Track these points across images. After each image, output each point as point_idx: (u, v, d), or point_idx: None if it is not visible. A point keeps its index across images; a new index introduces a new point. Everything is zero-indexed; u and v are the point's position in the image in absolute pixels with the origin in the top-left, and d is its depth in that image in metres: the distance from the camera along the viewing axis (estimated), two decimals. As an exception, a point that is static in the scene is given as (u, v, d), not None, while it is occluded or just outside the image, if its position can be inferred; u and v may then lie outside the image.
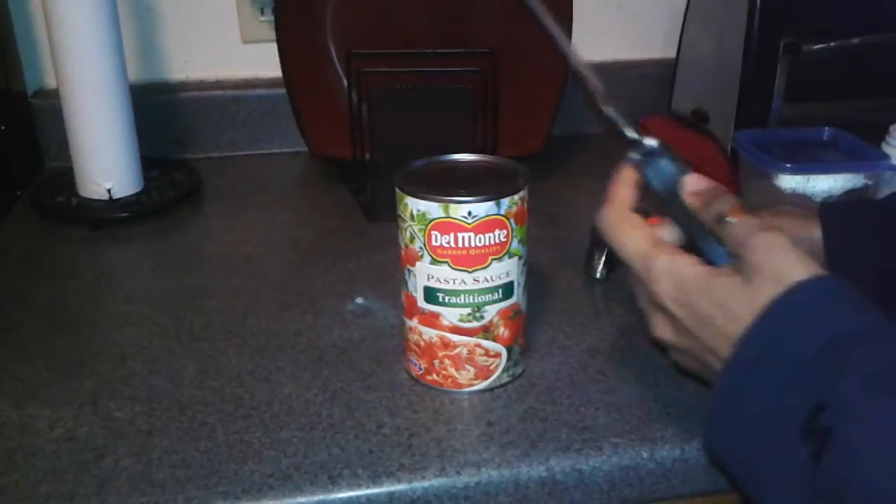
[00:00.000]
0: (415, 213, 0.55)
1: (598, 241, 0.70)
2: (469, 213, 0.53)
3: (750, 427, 0.43)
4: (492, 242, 0.54)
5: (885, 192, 0.81)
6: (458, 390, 0.58)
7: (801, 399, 0.40)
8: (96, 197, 0.89)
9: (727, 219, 0.49)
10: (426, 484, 0.51)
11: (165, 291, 0.74)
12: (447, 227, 0.54)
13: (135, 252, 0.84)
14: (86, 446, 0.54)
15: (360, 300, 0.71)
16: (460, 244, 0.54)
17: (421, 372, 0.59)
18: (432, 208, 0.54)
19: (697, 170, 0.98)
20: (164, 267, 0.81)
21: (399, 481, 0.51)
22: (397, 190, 0.56)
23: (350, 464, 0.52)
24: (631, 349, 0.64)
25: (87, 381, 0.61)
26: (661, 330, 0.52)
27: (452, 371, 0.58)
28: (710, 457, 0.52)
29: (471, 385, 0.58)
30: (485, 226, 0.54)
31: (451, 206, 0.53)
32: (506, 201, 0.54)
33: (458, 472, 0.52)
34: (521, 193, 0.55)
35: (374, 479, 0.51)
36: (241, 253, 0.81)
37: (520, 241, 0.56)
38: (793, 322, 0.42)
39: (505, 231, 0.55)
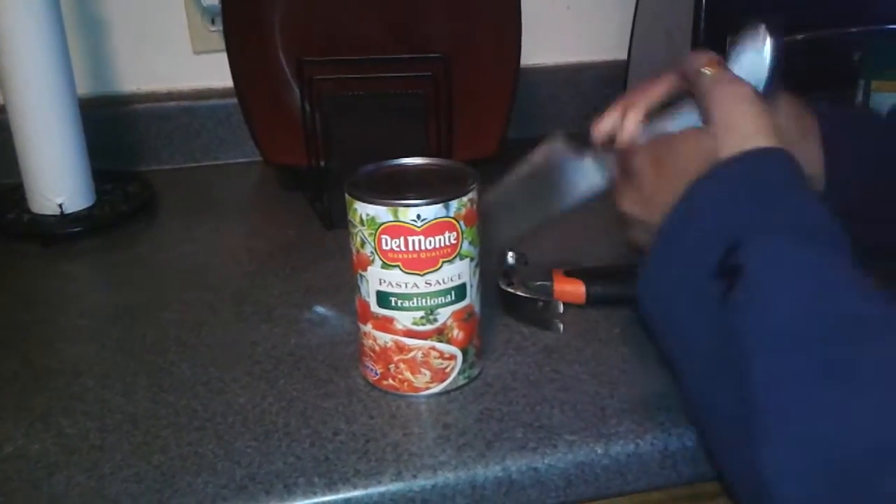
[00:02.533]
0: (364, 217, 0.55)
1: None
2: (418, 217, 0.53)
3: (675, 270, 0.44)
4: (442, 245, 0.55)
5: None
6: (414, 394, 0.58)
7: (718, 239, 0.41)
8: (48, 212, 0.88)
9: (703, 70, 0.50)
10: (382, 489, 0.51)
11: (119, 305, 0.73)
12: (397, 230, 0.54)
13: (88, 266, 0.83)
14: (37, 464, 0.53)
15: (319, 309, 0.71)
16: (410, 248, 0.54)
17: (377, 377, 0.59)
18: (381, 212, 0.54)
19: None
20: (118, 281, 0.80)
21: (355, 487, 0.51)
22: (346, 195, 0.56)
23: (305, 472, 0.52)
24: (586, 348, 0.64)
25: (39, 397, 0.60)
26: (628, 200, 0.54)
27: (408, 375, 0.58)
28: (642, 311, 0.50)
29: (427, 388, 0.58)
30: (434, 228, 0.54)
31: (400, 209, 0.53)
32: (454, 203, 0.54)
33: (415, 476, 0.52)
34: (471, 195, 0.55)
35: (330, 487, 0.51)
36: (197, 264, 0.81)
37: (471, 243, 0.56)
38: (730, 178, 0.44)
39: (455, 233, 0.55)
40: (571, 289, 0.69)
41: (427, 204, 0.53)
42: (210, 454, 0.53)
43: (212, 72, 1.04)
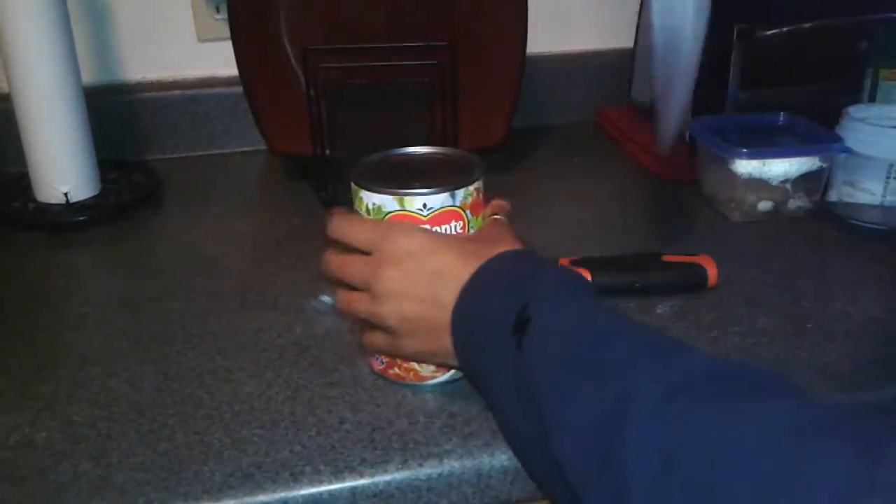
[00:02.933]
0: (370, 206, 0.55)
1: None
2: (424, 206, 0.53)
3: (479, 339, 0.51)
4: (448, 234, 0.55)
5: (839, 174, 0.83)
6: (420, 383, 0.58)
7: (513, 303, 0.49)
8: (53, 201, 0.88)
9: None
10: (388, 477, 0.51)
11: (125, 294, 0.74)
12: (403, 219, 0.54)
13: (93, 255, 0.83)
14: (44, 452, 0.53)
15: (325, 298, 0.71)
16: (426, 228, 0.54)
17: (383, 366, 0.59)
18: (387, 202, 0.54)
19: (657, 158, 0.99)
20: (124, 269, 0.80)
21: (361, 476, 0.51)
22: (352, 185, 0.56)
23: (312, 460, 0.52)
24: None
25: (45, 386, 0.60)
26: (391, 280, 0.54)
27: (414, 364, 0.58)
28: (472, 384, 0.57)
29: (433, 377, 0.58)
30: (440, 217, 0.54)
31: (406, 198, 0.53)
32: (461, 192, 0.54)
33: (421, 465, 0.52)
34: (477, 184, 0.55)
35: (336, 475, 0.51)
36: (202, 253, 0.81)
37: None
38: (510, 262, 0.53)
39: (461, 223, 0.55)
40: (577, 278, 0.69)
41: (433, 193, 0.53)
42: (216, 442, 0.53)
43: (217, 60, 1.04)
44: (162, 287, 0.74)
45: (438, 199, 0.54)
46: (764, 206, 0.83)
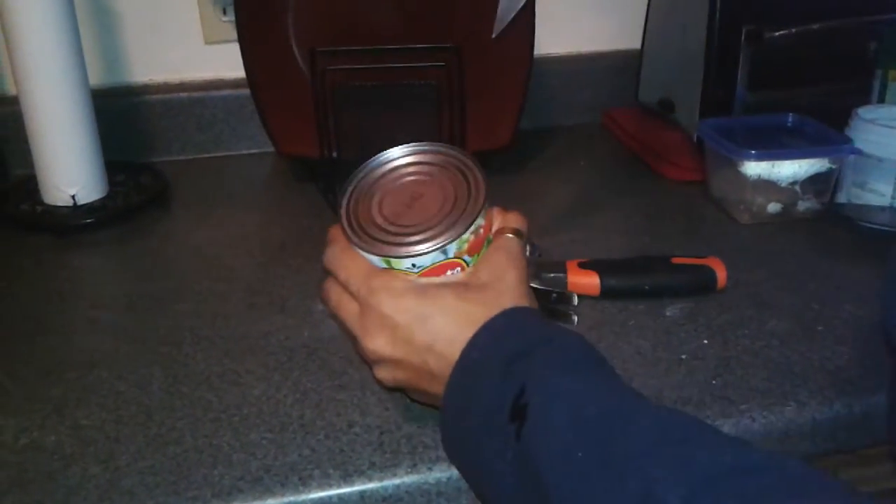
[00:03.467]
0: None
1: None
2: (413, 265, 0.50)
3: (473, 424, 0.47)
4: (441, 288, 0.50)
5: (848, 175, 0.82)
6: None
7: (508, 388, 0.45)
8: (61, 203, 0.88)
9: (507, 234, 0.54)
10: (398, 481, 0.51)
11: (132, 297, 0.73)
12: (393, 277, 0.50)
13: (101, 258, 0.83)
14: (53, 455, 0.53)
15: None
16: (417, 285, 0.50)
17: None
18: (375, 261, 0.51)
19: (665, 159, 0.99)
20: (131, 272, 0.80)
21: (370, 479, 0.51)
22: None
23: (321, 464, 0.52)
24: (600, 340, 0.64)
25: (54, 389, 0.60)
26: (385, 346, 0.50)
27: None
28: (452, 462, 0.52)
29: None
30: (434, 271, 0.50)
31: (394, 260, 0.50)
32: (453, 246, 0.49)
33: (430, 469, 0.51)
34: (474, 227, 0.50)
35: (346, 479, 0.51)
36: (209, 256, 0.81)
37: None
38: (504, 330, 0.49)
39: (459, 268, 0.51)
40: (586, 280, 0.69)
41: (421, 254, 0.49)
42: (225, 446, 0.53)
43: (223, 62, 1.04)
44: (169, 289, 0.74)
45: (429, 258, 0.49)
46: (773, 207, 0.82)
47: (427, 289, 0.50)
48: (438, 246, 0.49)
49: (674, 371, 0.60)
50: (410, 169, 0.55)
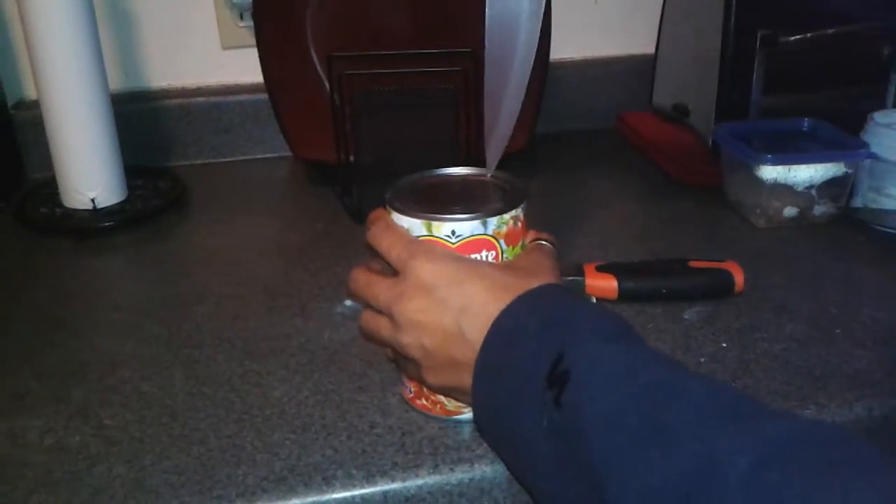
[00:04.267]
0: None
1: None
2: (453, 233, 0.51)
3: (506, 390, 0.46)
4: (480, 262, 0.52)
5: (864, 180, 0.83)
6: (445, 417, 0.56)
7: (545, 354, 0.45)
8: (80, 207, 0.88)
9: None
10: (420, 482, 0.51)
11: (153, 299, 0.74)
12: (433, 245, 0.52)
13: (121, 261, 0.84)
14: (78, 455, 0.54)
15: (348, 302, 0.71)
16: (457, 255, 0.51)
17: (411, 395, 0.57)
18: (415, 225, 0.52)
19: (680, 163, 0.99)
20: (151, 275, 0.80)
21: (393, 480, 0.51)
22: (386, 205, 0.54)
23: (344, 464, 0.52)
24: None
25: (77, 390, 0.61)
26: (417, 311, 0.50)
27: (440, 397, 0.55)
28: (480, 433, 0.53)
29: (459, 413, 0.55)
30: (470, 246, 0.51)
31: (434, 223, 0.51)
32: (493, 221, 0.51)
33: (452, 469, 0.52)
34: (514, 213, 0.52)
35: (369, 479, 0.51)
36: (228, 259, 0.81)
37: None
38: (542, 300, 0.49)
39: (493, 252, 0.52)
40: (603, 283, 0.69)
41: (463, 220, 0.51)
42: (249, 446, 0.54)
43: (240, 67, 1.05)
44: (189, 292, 0.75)
45: (468, 227, 0.51)
46: (789, 212, 0.82)
47: (466, 258, 0.51)
48: (479, 216, 0.51)
49: (693, 374, 0.60)
50: (456, 177, 0.58)
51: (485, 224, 0.51)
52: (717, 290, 0.70)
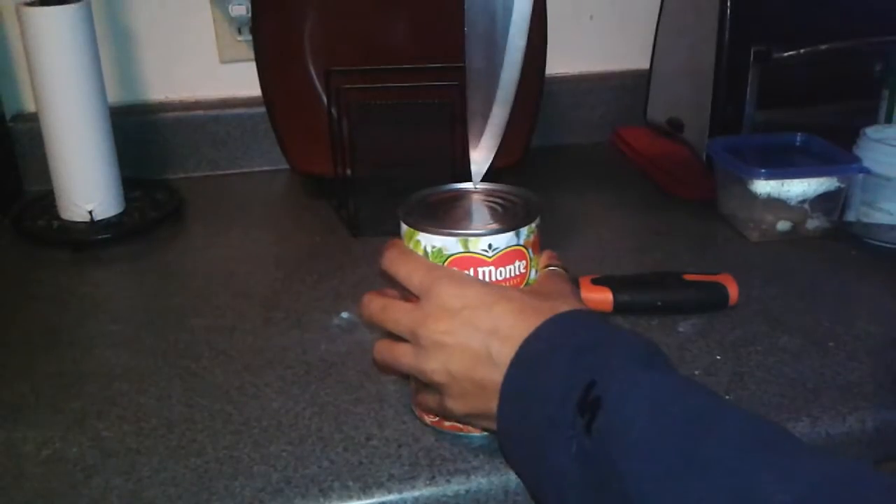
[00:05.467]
0: (430, 250, 0.52)
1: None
2: (490, 246, 0.51)
3: (535, 414, 0.46)
4: (513, 275, 0.52)
5: (857, 194, 0.83)
6: (474, 435, 0.55)
7: (577, 379, 0.44)
8: (78, 219, 0.89)
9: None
10: (416, 493, 0.51)
11: (150, 311, 0.74)
12: (466, 262, 0.51)
13: (118, 273, 0.84)
14: (75, 467, 0.54)
15: (345, 314, 0.72)
16: (480, 279, 0.51)
17: (437, 419, 0.56)
18: (449, 243, 0.51)
19: (674, 177, 0.99)
20: (148, 287, 0.81)
21: (389, 491, 0.51)
22: (405, 226, 0.53)
23: (340, 476, 0.52)
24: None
25: (74, 401, 0.61)
26: (444, 333, 0.49)
27: None
28: (503, 456, 0.52)
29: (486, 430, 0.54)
30: (505, 258, 0.51)
31: (471, 240, 0.51)
32: (525, 230, 0.52)
33: (448, 481, 0.52)
34: (538, 221, 0.53)
35: (365, 490, 0.51)
36: (225, 271, 0.81)
37: (536, 272, 0.54)
38: (572, 325, 0.48)
39: (524, 262, 0.53)
40: (598, 296, 0.70)
41: (498, 232, 0.51)
42: (246, 458, 0.54)
43: (238, 81, 1.05)
44: (186, 304, 0.75)
45: (504, 239, 0.51)
46: (782, 226, 0.83)
47: (490, 283, 0.51)
48: (513, 227, 0.51)
49: (687, 386, 0.61)
50: (458, 192, 0.57)
51: (518, 235, 0.52)
52: (712, 303, 0.70)
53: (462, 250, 0.51)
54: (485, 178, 0.57)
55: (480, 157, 0.56)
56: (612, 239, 0.87)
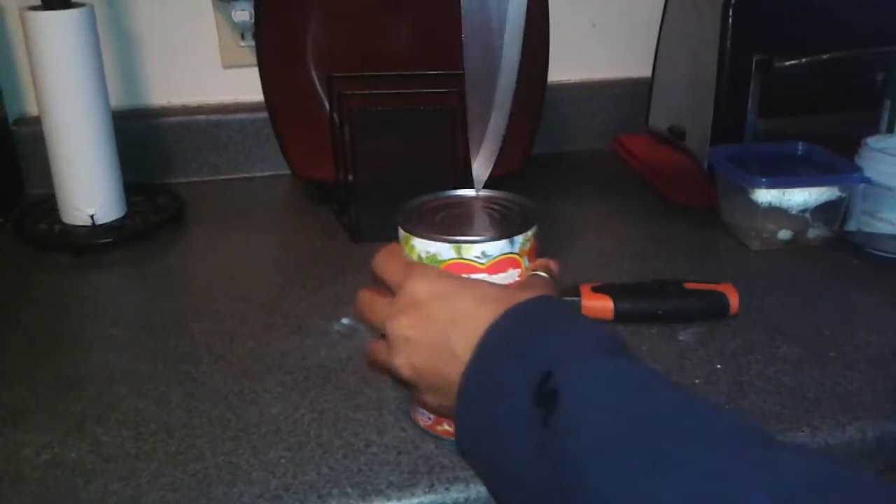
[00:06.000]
0: (423, 255, 0.52)
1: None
2: (483, 254, 0.51)
3: (492, 408, 0.44)
4: (507, 283, 0.52)
5: (858, 204, 0.83)
6: None
7: (532, 371, 0.43)
8: (79, 223, 0.89)
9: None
10: (416, 501, 0.51)
11: (151, 315, 0.74)
12: (459, 268, 0.51)
13: (119, 277, 0.84)
14: (74, 472, 0.54)
15: (345, 320, 0.72)
16: (455, 274, 0.51)
17: (430, 422, 0.56)
18: (443, 250, 0.51)
19: (676, 185, 0.99)
20: (149, 291, 0.81)
21: (388, 499, 0.51)
22: (402, 231, 0.53)
23: (339, 483, 0.52)
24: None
25: (74, 406, 0.61)
26: (408, 327, 0.49)
27: None
28: (462, 455, 0.51)
29: None
30: (499, 265, 0.51)
31: (464, 246, 0.51)
32: (519, 238, 0.52)
33: (447, 489, 0.52)
34: (535, 229, 0.53)
35: (364, 498, 0.51)
36: (226, 276, 0.81)
37: None
38: (530, 314, 0.47)
39: (518, 270, 0.52)
40: (599, 304, 0.70)
41: (492, 240, 0.51)
42: (245, 464, 0.54)
43: (241, 86, 1.06)
44: (187, 308, 0.75)
45: (497, 247, 0.51)
46: (784, 234, 0.83)
47: (461, 276, 0.51)
48: (507, 235, 0.51)
49: (687, 395, 0.61)
50: (461, 199, 0.58)
51: (512, 243, 0.51)
52: (712, 312, 0.70)
53: (455, 256, 0.51)
54: (485, 185, 0.58)
55: (481, 164, 0.56)
56: (613, 246, 0.87)
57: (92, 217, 0.88)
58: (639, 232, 0.91)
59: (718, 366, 0.64)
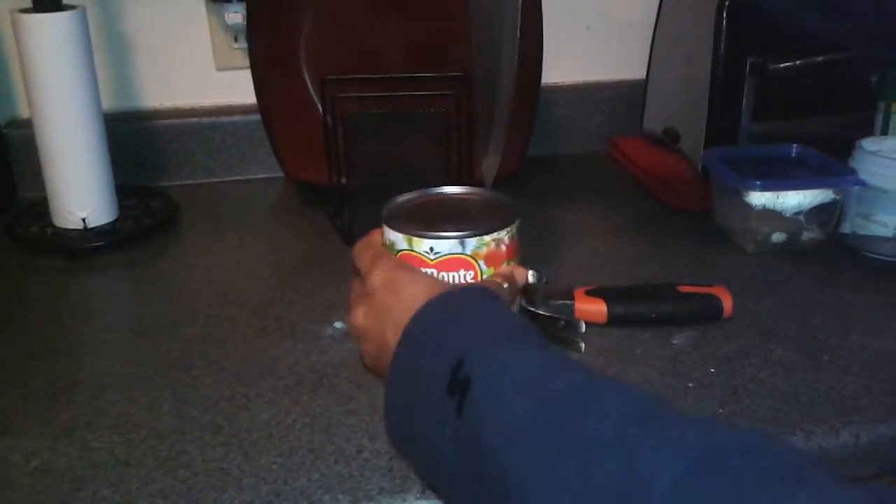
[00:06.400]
0: (387, 242, 0.55)
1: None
2: (431, 249, 0.53)
3: (410, 399, 0.45)
4: (456, 283, 0.53)
5: (853, 206, 0.83)
6: None
7: (445, 360, 0.43)
8: (71, 226, 0.88)
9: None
10: (407, 507, 0.51)
11: (142, 320, 0.74)
12: (412, 260, 0.53)
13: (111, 281, 0.84)
14: (63, 478, 0.54)
15: (338, 324, 0.71)
16: (416, 268, 0.53)
17: None
18: (398, 240, 0.54)
19: (670, 188, 0.99)
20: (141, 295, 0.80)
21: (380, 505, 0.51)
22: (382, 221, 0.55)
23: (330, 489, 0.52)
24: (607, 367, 0.64)
25: (64, 411, 0.60)
26: (361, 316, 0.51)
27: None
28: (392, 445, 0.51)
29: None
30: (448, 264, 0.53)
31: (415, 239, 0.53)
32: (472, 241, 0.53)
33: (439, 494, 0.52)
34: (495, 235, 0.53)
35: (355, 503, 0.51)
36: (219, 279, 0.81)
37: None
38: (451, 303, 0.48)
39: (472, 272, 0.53)
40: (593, 308, 0.69)
41: (441, 238, 0.52)
42: (235, 470, 0.54)
43: (234, 89, 1.05)
44: (179, 312, 0.75)
45: (446, 245, 0.52)
46: (778, 237, 0.83)
47: (416, 269, 0.52)
48: (457, 236, 0.52)
49: (681, 399, 0.60)
50: (456, 196, 0.59)
51: (462, 244, 0.53)
52: (706, 316, 0.70)
53: (407, 247, 0.53)
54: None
55: (491, 162, 0.57)
56: (607, 249, 0.87)
57: (84, 220, 0.88)
58: (633, 235, 0.91)
59: (712, 370, 0.64)
